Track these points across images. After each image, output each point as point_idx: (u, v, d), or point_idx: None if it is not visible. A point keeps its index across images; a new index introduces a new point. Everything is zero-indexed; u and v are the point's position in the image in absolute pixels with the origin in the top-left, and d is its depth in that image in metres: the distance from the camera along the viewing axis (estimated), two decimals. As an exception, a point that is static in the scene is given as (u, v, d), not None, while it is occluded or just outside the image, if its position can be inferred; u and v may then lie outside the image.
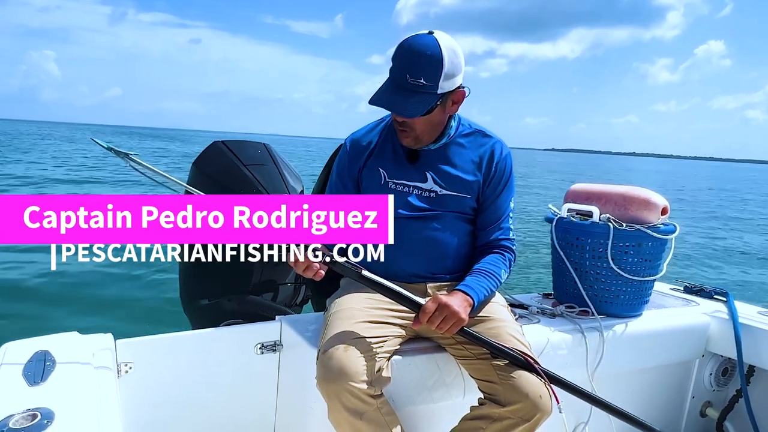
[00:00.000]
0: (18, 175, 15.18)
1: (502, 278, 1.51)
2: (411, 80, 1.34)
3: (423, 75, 1.34)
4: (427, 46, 1.34)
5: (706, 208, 19.18)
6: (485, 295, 1.44)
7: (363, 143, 1.57)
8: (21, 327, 3.89)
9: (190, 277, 2.08)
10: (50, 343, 1.33)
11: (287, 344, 1.67)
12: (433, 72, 1.34)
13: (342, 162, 1.59)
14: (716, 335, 1.99)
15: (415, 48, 1.34)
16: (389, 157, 1.54)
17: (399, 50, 1.37)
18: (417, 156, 1.52)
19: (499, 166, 1.54)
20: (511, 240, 1.57)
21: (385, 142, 1.56)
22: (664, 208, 1.87)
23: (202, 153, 2.07)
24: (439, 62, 1.34)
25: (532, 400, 1.29)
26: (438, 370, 1.49)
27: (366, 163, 1.55)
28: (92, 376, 1.21)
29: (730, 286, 6.60)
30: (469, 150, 1.54)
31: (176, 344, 1.58)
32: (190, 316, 2.09)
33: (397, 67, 1.37)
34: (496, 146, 1.56)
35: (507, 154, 1.57)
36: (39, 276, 5.28)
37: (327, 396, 1.28)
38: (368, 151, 1.56)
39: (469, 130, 1.57)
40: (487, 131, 1.58)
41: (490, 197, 1.55)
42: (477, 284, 1.43)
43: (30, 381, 1.12)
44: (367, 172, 1.55)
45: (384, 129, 1.58)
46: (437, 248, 1.52)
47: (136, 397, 1.50)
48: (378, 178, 1.53)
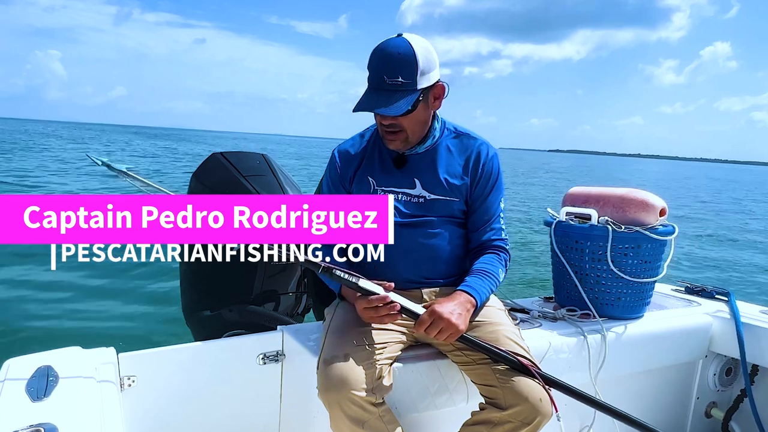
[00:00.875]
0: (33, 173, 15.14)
1: (500, 278, 1.51)
2: (389, 81, 1.37)
3: (400, 74, 1.37)
4: (399, 46, 1.38)
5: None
6: (486, 296, 1.45)
7: (351, 153, 1.59)
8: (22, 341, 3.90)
9: (191, 288, 2.08)
10: (53, 358, 1.33)
11: (290, 354, 1.67)
12: (409, 69, 1.37)
13: (332, 174, 1.60)
14: (719, 335, 1.99)
15: (387, 50, 1.38)
16: (377, 165, 1.56)
17: (373, 56, 1.40)
18: (404, 161, 1.53)
19: (486, 167, 1.55)
20: (504, 240, 1.58)
21: (373, 152, 1.58)
22: (662, 209, 1.87)
23: (202, 165, 2.09)
24: (413, 58, 1.37)
25: (531, 403, 1.29)
26: (440, 377, 1.49)
27: (356, 173, 1.57)
28: (95, 391, 1.21)
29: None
30: (455, 153, 1.56)
31: (179, 356, 1.58)
32: (192, 327, 2.09)
33: (373, 72, 1.40)
34: (482, 148, 1.57)
35: (494, 155, 1.58)
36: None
37: (328, 405, 1.28)
38: (357, 161, 1.58)
39: (454, 133, 1.58)
40: (472, 134, 1.59)
41: (479, 198, 1.56)
42: (478, 285, 1.44)
43: (33, 397, 1.12)
44: (356, 181, 1.56)
45: (370, 139, 1.60)
46: (430, 253, 1.52)
47: (139, 410, 1.50)
48: (367, 186, 1.55)
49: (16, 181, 13.78)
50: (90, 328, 4.38)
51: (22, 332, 4.22)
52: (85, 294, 5.29)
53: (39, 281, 5.61)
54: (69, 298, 5.15)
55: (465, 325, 1.33)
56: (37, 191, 12.12)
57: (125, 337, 4.00)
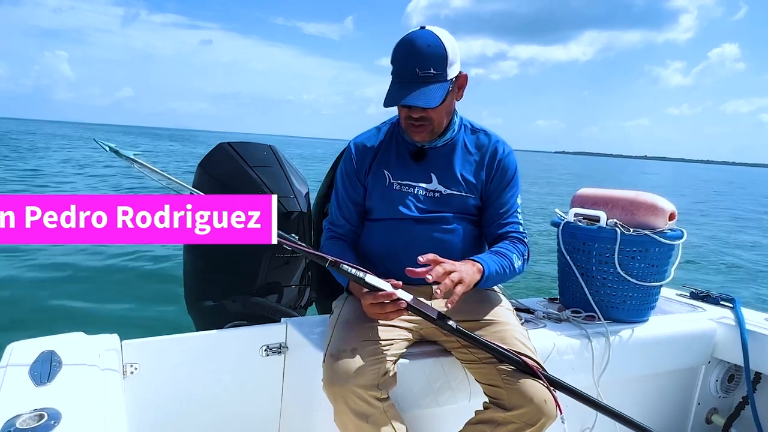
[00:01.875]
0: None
1: (515, 263, 1.48)
2: (422, 72, 1.37)
3: (432, 65, 1.37)
4: (428, 38, 1.38)
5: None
6: (496, 270, 1.42)
7: (367, 146, 1.58)
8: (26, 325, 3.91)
9: (194, 277, 2.08)
10: (56, 344, 1.32)
11: (293, 346, 1.67)
12: (440, 60, 1.38)
13: (348, 167, 1.59)
14: (723, 341, 1.98)
15: (417, 42, 1.38)
16: (393, 159, 1.55)
17: (401, 49, 1.40)
18: (423, 155, 1.53)
19: (503, 163, 1.56)
20: (521, 233, 1.56)
21: (389, 145, 1.57)
22: (672, 213, 1.86)
23: (208, 155, 2.07)
24: (443, 49, 1.38)
25: (536, 404, 1.29)
26: (444, 374, 1.49)
27: (371, 166, 1.56)
28: (98, 377, 1.20)
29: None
30: (472, 149, 1.56)
31: (181, 345, 1.58)
32: (195, 317, 2.09)
33: (403, 65, 1.39)
34: (498, 145, 1.57)
35: (509, 152, 1.58)
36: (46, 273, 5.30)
37: (333, 399, 1.28)
38: (372, 154, 1.57)
39: (471, 129, 1.59)
40: (488, 131, 1.59)
41: (495, 193, 1.55)
42: (489, 258, 1.43)
43: (36, 381, 1.12)
44: (372, 174, 1.56)
45: (387, 132, 1.59)
46: (443, 250, 1.50)
47: (141, 398, 1.50)
48: (383, 179, 1.54)
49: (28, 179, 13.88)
50: (93, 313, 4.39)
51: (26, 316, 4.24)
52: (88, 278, 5.32)
53: (42, 265, 5.64)
54: (70, 281, 5.17)
55: (469, 278, 1.32)
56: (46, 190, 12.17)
57: (128, 324, 4.01)
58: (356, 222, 1.60)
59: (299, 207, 1.95)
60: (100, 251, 6.09)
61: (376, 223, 1.57)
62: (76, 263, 5.77)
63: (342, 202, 1.60)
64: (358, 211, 1.59)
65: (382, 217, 1.55)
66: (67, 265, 5.69)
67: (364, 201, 1.58)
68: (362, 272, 1.30)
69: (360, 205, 1.59)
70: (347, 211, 1.59)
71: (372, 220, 1.58)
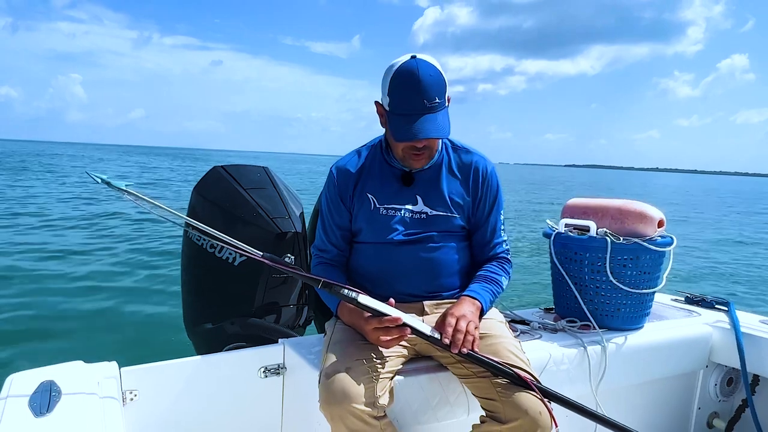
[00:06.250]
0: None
1: (503, 285, 1.57)
2: (429, 104, 1.40)
3: (436, 94, 1.41)
4: (427, 68, 1.40)
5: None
6: (491, 301, 1.51)
7: (350, 171, 1.59)
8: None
9: (193, 301, 2.09)
10: (55, 373, 1.34)
11: (291, 367, 1.67)
12: (442, 87, 1.42)
13: (331, 192, 1.61)
14: (719, 345, 1.99)
15: (420, 74, 1.39)
16: (377, 183, 1.57)
17: (405, 82, 1.40)
18: (412, 179, 1.55)
19: (487, 184, 1.60)
20: (506, 251, 1.65)
21: (371, 169, 1.59)
22: (660, 220, 1.88)
23: (203, 178, 2.10)
24: (442, 77, 1.42)
25: (531, 417, 1.29)
26: (441, 390, 1.49)
27: (354, 190, 1.58)
28: (98, 406, 1.22)
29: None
30: (455, 169, 1.59)
31: (180, 370, 1.58)
32: (194, 340, 2.10)
33: (410, 98, 1.40)
34: (479, 163, 1.60)
35: (492, 170, 1.62)
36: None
37: (331, 419, 1.29)
38: (355, 178, 1.58)
39: (452, 146, 1.62)
40: (470, 148, 1.63)
41: (482, 217, 1.60)
42: (483, 290, 1.50)
43: (36, 412, 1.13)
44: (357, 198, 1.57)
45: (368, 156, 1.61)
46: (432, 268, 1.54)
47: (141, 424, 1.50)
48: (368, 204, 1.56)
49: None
50: (92, 340, 4.38)
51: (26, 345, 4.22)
52: (88, 305, 5.30)
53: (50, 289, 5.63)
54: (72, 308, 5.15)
55: (472, 315, 1.40)
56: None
57: (127, 350, 3.99)
58: (343, 246, 1.62)
59: (294, 227, 1.97)
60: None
61: (363, 245, 1.59)
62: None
63: (328, 227, 1.62)
64: (344, 235, 1.61)
65: (370, 241, 1.57)
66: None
67: (350, 224, 1.60)
68: (354, 292, 1.32)
69: (346, 230, 1.61)
70: (333, 236, 1.61)
71: (359, 243, 1.60)
